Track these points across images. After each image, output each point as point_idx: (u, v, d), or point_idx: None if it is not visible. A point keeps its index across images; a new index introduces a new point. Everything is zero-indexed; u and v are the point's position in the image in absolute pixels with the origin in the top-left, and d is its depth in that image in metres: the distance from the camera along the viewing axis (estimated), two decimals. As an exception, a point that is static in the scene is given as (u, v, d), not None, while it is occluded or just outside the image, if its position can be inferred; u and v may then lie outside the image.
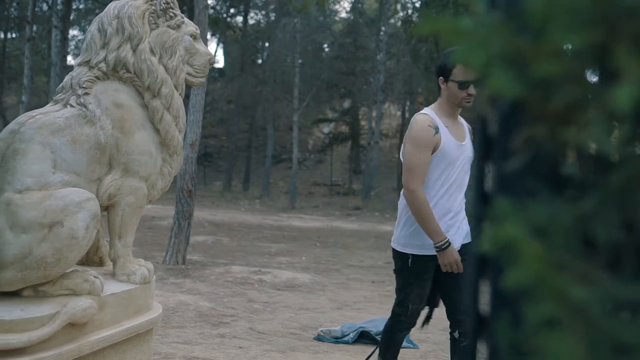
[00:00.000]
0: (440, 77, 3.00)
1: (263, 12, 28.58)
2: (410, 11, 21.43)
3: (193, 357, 3.77)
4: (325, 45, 27.98)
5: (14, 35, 28.91)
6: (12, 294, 2.15)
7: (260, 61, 27.36)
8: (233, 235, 10.80)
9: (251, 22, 28.27)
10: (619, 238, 0.49)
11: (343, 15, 28.03)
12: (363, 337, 4.46)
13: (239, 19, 27.73)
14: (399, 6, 23.77)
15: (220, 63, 29.61)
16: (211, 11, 20.26)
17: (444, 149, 2.95)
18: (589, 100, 0.45)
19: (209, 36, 20.82)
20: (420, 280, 3.02)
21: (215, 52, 26.82)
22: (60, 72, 11.59)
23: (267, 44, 27.33)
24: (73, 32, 26.84)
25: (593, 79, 0.46)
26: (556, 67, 0.44)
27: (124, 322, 2.44)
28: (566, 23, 0.42)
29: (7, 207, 2.09)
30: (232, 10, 27.18)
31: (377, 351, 3.25)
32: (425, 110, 3.06)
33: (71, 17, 15.14)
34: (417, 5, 19.16)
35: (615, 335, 0.44)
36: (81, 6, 22.86)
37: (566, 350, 0.42)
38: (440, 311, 3.19)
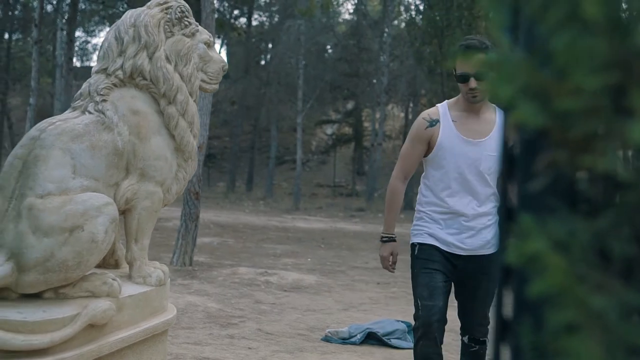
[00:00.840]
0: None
1: (267, 14, 28.66)
2: (413, 13, 21.46)
3: (203, 357, 3.83)
4: (329, 47, 28.05)
5: (18, 37, 29.03)
6: (34, 296, 2.21)
7: (263, 62, 27.46)
8: (238, 237, 10.87)
9: (254, 23, 28.34)
10: (631, 252, 0.55)
11: (346, 16, 28.09)
12: (370, 338, 4.51)
13: (242, 20, 27.83)
14: (402, 8, 23.83)
15: (223, 64, 29.61)
16: (216, 14, 20.28)
17: (441, 144, 2.77)
18: (606, 132, 0.51)
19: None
20: (425, 269, 2.78)
21: (219, 53, 26.89)
22: (66, 74, 11.67)
23: (270, 46, 27.43)
24: (77, 33, 26.95)
25: (610, 112, 0.52)
26: (576, 102, 0.50)
27: (140, 323, 2.51)
28: (586, 66, 0.48)
29: (29, 211, 2.15)
30: (235, 12, 27.27)
31: None
32: (442, 103, 2.94)
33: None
34: (421, 7, 19.20)
35: (629, 338, 0.50)
36: (83, 7, 22.94)
37: (586, 351, 0.48)
38: (448, 312, 3.23)
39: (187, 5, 2.72)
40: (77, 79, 16.91)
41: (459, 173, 2.77)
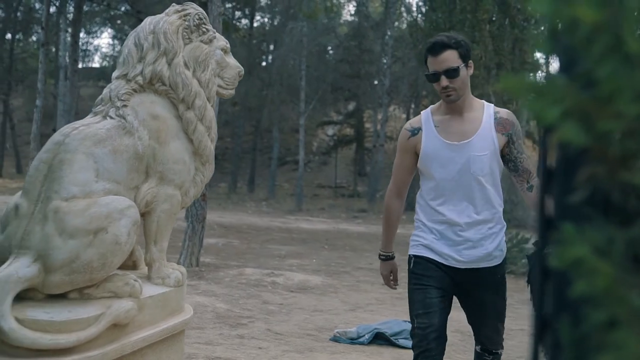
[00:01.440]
0: None
1: (268, 15, 28.72)
2: (415, 14, 21.52)
3: (215, 357, 3.89)
4: (330, 48, 28.10)
5: (19, 37, 29.06)
6: (59, 296, 2.27)
7: (264, 64, 27.52)
8: (243, 238, 10.93)
9: (256, 24, 28.41)
10: (663, 256, 0.62)
11: (348, 18, 28.15)
12: (378, 338, 4.57)
13: (244, 21, 27.88)
14: (403, 9, 23.89)
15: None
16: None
17: (425, 152, 2.64)
18: (644, 150, 0.57)
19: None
20: (420, 285, 2.63)
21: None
22: (71, 75, 11.74)
23: (272, 47, 27.48)
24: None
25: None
26: (617, 125, 0.57)
27: (160, 323, 2.57)
28: (627, 94, 0.54)
29: (55, 214, 2.21)
30: (238, 14, 27.33)
31: None
32: (426, 109, 2.80)
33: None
34: (423, 9, 19.25)
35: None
36: (87, 8, 23.00)
37: (628, 343, 0.54)
38: (454, 312, 3.28)
39: (204, 12, 2.79)
40: (79, 80, 16.97)
41: (449, 179, 2.61)
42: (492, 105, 2.74)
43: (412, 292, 2.66)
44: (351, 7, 27.14)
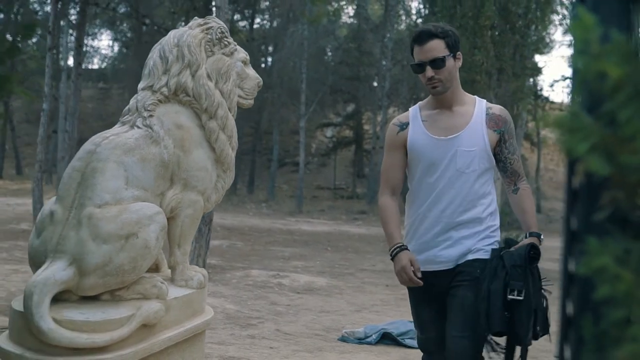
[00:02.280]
0: None
1: (268, 17, 28.83)
2: (415, 18, 21.67)
3: (229, 356, 4.02)
4: (328, 49, 28.20)
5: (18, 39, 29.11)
6: (92, 298, 2.40)
7: (263, 65, 27.65)
8: (246, 240, 11.06)
9: (255, 26, 28.52)
10: (672, 265, 0.75)
11: (347, 20, 28.26)
12: (385, 338, 4.70)
13: (242, 23, 27.99)
14: (402, 12, 24.02)
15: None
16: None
17: (412, 146, 2.53)
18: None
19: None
20: (413, 299, 2.60)
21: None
22: (75, 79, 11.85)
23: (271, 49, 27.60)
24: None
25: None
26: (636, 159, 0.70)
27: (184, 324, 2.69)
28: (645, 135, 0.67)
29: (89, 220, 2.34)
30: (237, 16, 27.45)
31: None
32: (415, 105, 2.70)
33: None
34: (423, 12, 19.40)
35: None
36: (95, 11, 23.10)
37: (645, 338, 0.67)
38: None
39: (225, 26, 2.91)
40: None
41: (436, 175, 2.48)
42: (485, 100, 2.62)
43: (410, 304, 2.64)
44: (350, 10, 27.20)
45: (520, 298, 2.27)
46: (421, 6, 20.10)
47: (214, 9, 7.18)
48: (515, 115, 8.34)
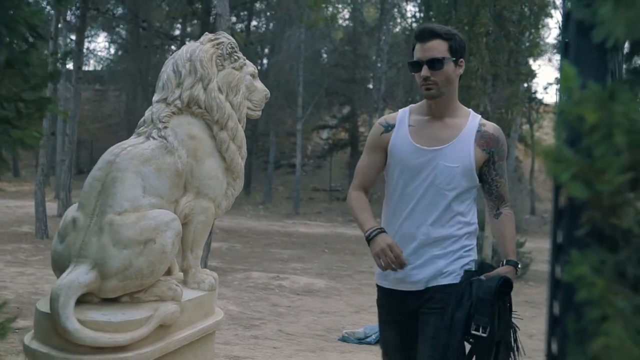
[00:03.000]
0: None
1: (264, 20, 28.96)
2: (410, 21, 21.87)
3: (234, 356, 4.16)
4: (324, 51, 28.35)
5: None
6: (113, 300, 2.54)
7: (259, 67, 27.76)
8: (245, 242, 11.20)
9: (252, 28, 28.64)
10: (638, 273, 0.91)
11: (342, 22, 28.43)
12: (384, 338, 4.85)
13: (239, 25, 28.12)
14: (396, 13, 24.20)
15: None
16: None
17: (391, 152, 2.38)
18: (625, 203, 0.87)
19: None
20: (380, 320, 2.47)
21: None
22: (75, 82, 11.97)
23: (266, 51, 27.74)
24: (73, 37, 27.18)
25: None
26: (609, 187, 0.86)
27: (196, 324, 2.83)
28: (614, 170, 0.83)
29: (110, 227, 2.48)
30: (233, 19, 27.58)
31: None
32: (406, 107, 2.54)
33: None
34: (418, 16, 19.60)
35: (638, 324, 0.85)
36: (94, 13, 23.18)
37: (614, 332, 0.83)
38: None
39: (235, 41, 3.06)
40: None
41: (413, 186, 2.33)
42: (480, 116, 2.44)
43: (378, 321, 2.51)
44: (346, 12, 27.39)
45: (484, 335, 2.09)
46: (416, 9, 20.29)
47: (214, 15, 7.33)
48: (510, 120, 8.53)
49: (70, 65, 12.70)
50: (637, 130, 0.81)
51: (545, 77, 56.33)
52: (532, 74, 9.33)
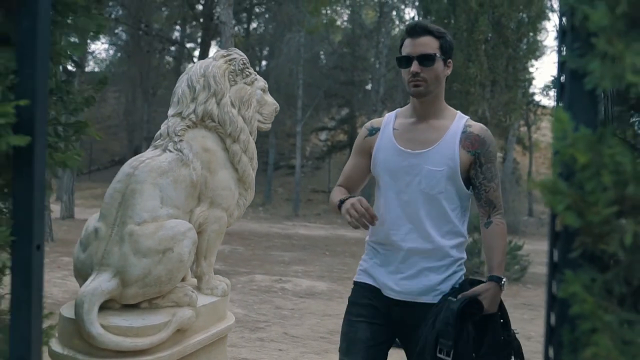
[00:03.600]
0: None
1: (263, 23, 29.10)
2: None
3: (242, 358, 4.30)
4: (323, 54, 28.49)
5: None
6: (133, 306, 2.67)
7: (258, 69, 27.93)
8: (246, 244, 11.33)
9: (252, 31, 28.77)
10: (624, 290, 1.05)
11: (341, 24, 28.56)
12: (387, 340, 4.98)
13: (237, 28, 28.24)
14: (396, 16, 24.35)
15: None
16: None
17: (375, 156, 2.35)
18: (613, 230, 1.01)
19: (213, 44, 21.48)
20: (348, 315, 2.39)
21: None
22: (78, 85, 12.10)
23: (265, 52, 27.88)
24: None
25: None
26: (598, 217, 1.00)
27: (210, 328, 2.97)
28: (604, 202, 0.97)
29: (130, 237, 2.62)
30: (233, 21, 27.69)
31: None
32: (394, 111, 2.48)
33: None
34: (416, 19, 19.73)
35: (625, 336, 0.99)
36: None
37: (603, 343, 0.97)
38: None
39: (246, 57, 3.20)
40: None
41: (397, 192, 2.27)
42: (467, 117, 2.35)
43: (342, 323, 2.40)
44: (344, 15, 27.54)
45: (449, 359, 2.02)
46: (414, 12, 20.44)
47: (217, 22, 7.46)
48: (508, 126, 8.68)
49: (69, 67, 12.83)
50: (622, 171, 0.95)
51: (543, 79, 56.44)
52: (530, 80, 9.48)
